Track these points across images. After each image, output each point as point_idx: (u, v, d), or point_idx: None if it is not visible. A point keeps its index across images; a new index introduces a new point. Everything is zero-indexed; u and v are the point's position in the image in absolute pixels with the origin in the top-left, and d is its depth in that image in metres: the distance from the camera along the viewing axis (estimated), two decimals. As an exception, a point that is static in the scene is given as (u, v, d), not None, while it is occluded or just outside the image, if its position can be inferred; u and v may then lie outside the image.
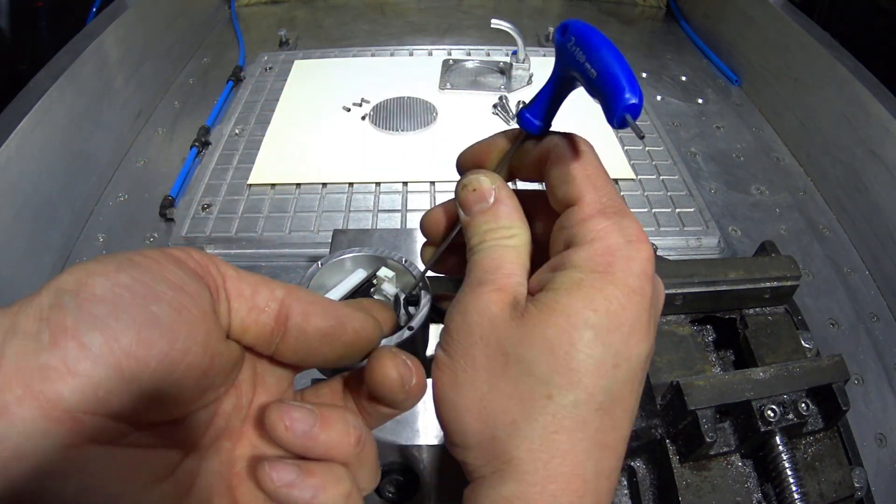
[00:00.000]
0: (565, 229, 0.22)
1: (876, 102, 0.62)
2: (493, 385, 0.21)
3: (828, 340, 0.54)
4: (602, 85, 0.20)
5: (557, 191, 0.23)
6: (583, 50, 0.21)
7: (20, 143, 0.54)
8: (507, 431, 0.20)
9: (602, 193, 0.22)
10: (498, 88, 0.83)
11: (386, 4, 1.12)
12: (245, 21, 1.07)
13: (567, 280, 0.21)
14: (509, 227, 0.24)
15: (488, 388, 0.21)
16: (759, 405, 0.34)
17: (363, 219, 0.63)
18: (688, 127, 0.81)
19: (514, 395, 0.20)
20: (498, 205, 0.24)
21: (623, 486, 0.39)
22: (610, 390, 0.20)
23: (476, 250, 0.24)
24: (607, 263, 0.21)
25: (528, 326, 0.21)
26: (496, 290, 0.22)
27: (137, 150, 0.76)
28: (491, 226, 0.24)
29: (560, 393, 0.20)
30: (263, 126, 0.76)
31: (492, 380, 0.21)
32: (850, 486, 0.37)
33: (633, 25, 1.10)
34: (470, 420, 0.21)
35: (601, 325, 0.20)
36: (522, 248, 0.24)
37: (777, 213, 0.68)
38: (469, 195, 0.24)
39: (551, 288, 0.21)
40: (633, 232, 0.21)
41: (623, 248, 0.21)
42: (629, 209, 0.22)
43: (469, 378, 0.21)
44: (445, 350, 0.22)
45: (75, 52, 0.66)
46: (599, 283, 0.20)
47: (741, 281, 0.40)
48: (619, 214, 0.22)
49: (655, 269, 0.22)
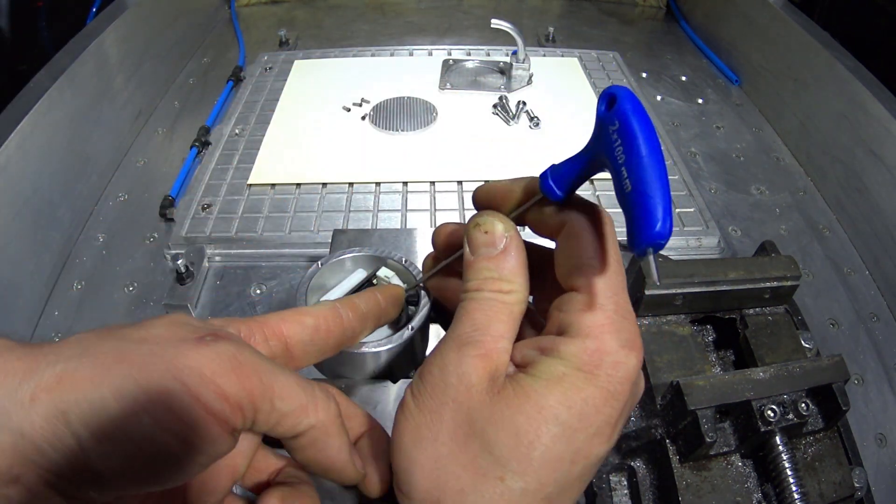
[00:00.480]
0: (563, 312, 0.22)
1: (876, 102, 0.62)
2: (452, 451, 0.21)
3: (828, 340, 0.54)
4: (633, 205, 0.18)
5: (563, 270, 0.23)
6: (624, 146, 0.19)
7: (20, 143, 0.54)
8: (454, 499, 0.20)
9: (608, 288, 0.21)
10: (498, 88, 0.83)
11: (386, 4, 1.12)
12: (245, 21, 1.07)
13: (550, 371, 0.21)
14: (510, 281, 0.23)
15: (446, 452, 0.21)
16: (759, 405, 0.34)
17: (363, 219, 0.63)
18: (688, 127, 0.81)
19: (468, 466, 0.20)
20: (505, 255, 0.23)
21: (623, 486, 0.39)
22: (560, 482, 0.20)
23: (471, 297, 0.23)
24: (594, 365, 0.21)
25: (501, 406, 0.21)
26: (480, 357, 0.22)
27: (137, 150, 0.76)
28: (492, 275, 0.23)
29: (513, 478, 0.20)
30: (263, 126, 0.76)
31: (452, 445, 0.21)
32: (850, 486, 0.37)
33: (633, 25, 1.10)
34: (420, 476, 0.21)
35: (570, 424, 0.20)
36: (516, 308, 0.23)
37: (777, 213, 0.68)
38: (479, 236, 0.24)
39: (533, 373, 0.21)
40: (630, 337, 0.21)
41: (615, 352, 0.21)
42: (632, 310, 0.22)
43: (431, 436, 0.21)
44: (415, 399, 0.22)
45: (75, 52, 0.66)
46: (581, 382, 0.20)
47: (741, 281, 0.40)
48: (619, 314, 0.21)
49: (657, 268, 0.22)
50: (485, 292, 0.23)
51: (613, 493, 0.39)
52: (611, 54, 0.92)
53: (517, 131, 0.75)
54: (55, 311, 0.54)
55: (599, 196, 0.65)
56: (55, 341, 0.19)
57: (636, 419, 0.40)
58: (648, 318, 0.41)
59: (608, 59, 0.91)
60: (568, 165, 0.22)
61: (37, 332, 0.52)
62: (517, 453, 0.20)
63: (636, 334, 0.22)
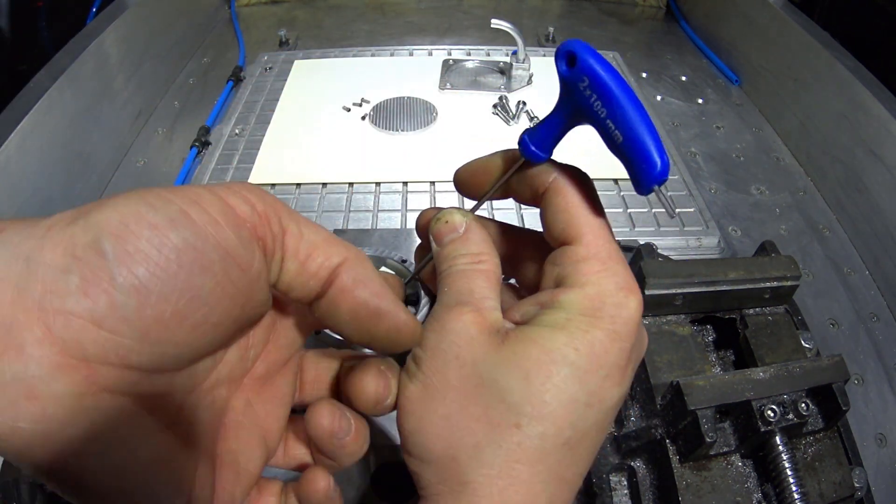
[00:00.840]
0: (558, 266, 0.22)
1: (876, 102, 0.62)
2: (463, 406, 0.21)
3: (828, 340, 0.54)
4: (629, 152, 0.19)
5: (554, 227, 0.23)
6: (602, 101, 0.19)
7: (20, 143, 0.54)
8: (469, 454, 0.20)
9: (599, 236, 0.22)
10: (498, 88, 0.83)
11: (386, 4, 1.12)
12: (245, 21, 1.07)
13: (553, 319, 0.21)
14: (478, 253, 0.24)
15: (457, 408, 0.21)
16: (759, 405, 0.34)
17: (363, 219, 0.63)
18: (688, 127, 0.81)
19: (482, 418, 0.20)
20: (468, 233, 0.24)
21: (623, 486, 0.39)
22: (578, 427, 0.20)
23: (446, 273, 0.24)
24: (596, 308, 0.21)
25: (507, 353, 0.21)
26: (474, 312, 0.22)
27: (137, 150, 0.76)
28: (461, 251, 0.24)
29: (529, 423, 0.20)
30: (263, 126, 0.76)
31: (462, 400, 0.21)
32: (850, 486, 0.37)
33: (633, 25, 1.10)
34: (433, 436, 0.21)
35: (580, 365, 0.20)
36: (492, 275, 0.23)
37: (777, 213, 0.68)
38: (441, 227, 0.25)
39: (536, 323, 0.21)
40: (626, 280, 0.22)
41: (614, 294, 0.21)
42: (623, 256, 0.22)
43: (439, 395, 0.21)
44: (417, 363, 0.22)
45: (75, 52, 0.66)
46: (585, 325, 0.21)
47: (741, 281, 0.40)
48: (613, 260, 0.22)
49: (656, 268, 0.22)
50: (457, 266, 0.24)
51: (613, 493, 0.39)
52: (611, 54, 0.92)
53: (517, 131, 0.75)
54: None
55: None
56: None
57: (636, 419, 0.40)
58: (648, 318, 0.41)
59: (608, 59, 0.91)
60: (545, 127, 0.23)
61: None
62: (530, 396, 0.20)
63: (631, 278, 0.22)
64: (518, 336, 0.21)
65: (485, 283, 0.23)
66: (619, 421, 0.41)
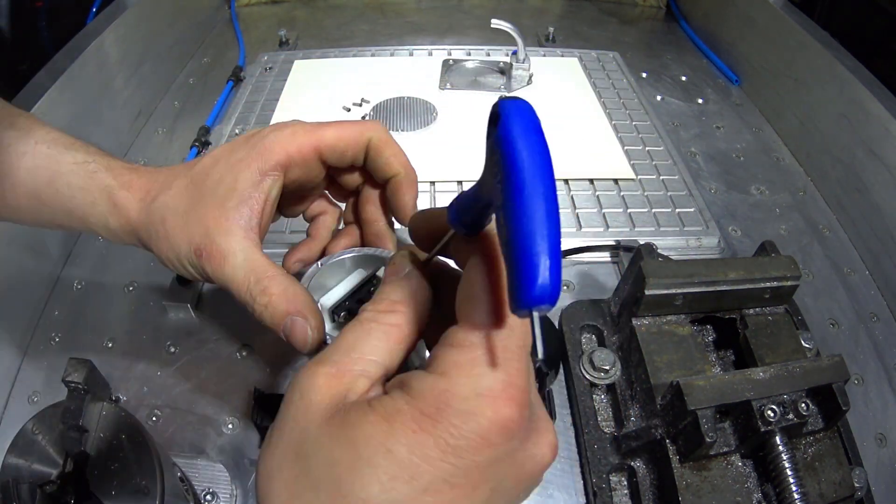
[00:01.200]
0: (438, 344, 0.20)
1: (876, 102, 0.62)
2: (280, 466, 0.20)
3: (828, 340, 0.54)
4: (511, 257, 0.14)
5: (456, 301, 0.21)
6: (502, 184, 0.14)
7: (20, 143, 0.54)
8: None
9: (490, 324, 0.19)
10: (498, 88, 0.83)
11: (386, 4, 1.12)
12: (245, 21, 1.07)
13: (390, 405, 0.19)
14: (393, 302, 0.23)
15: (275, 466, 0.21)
16: (759, 405, 0.34)
17: (363, 219, 0.63)
18: (688, 127, 0.81)
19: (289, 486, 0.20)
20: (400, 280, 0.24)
21: (623, 486, 0.39)
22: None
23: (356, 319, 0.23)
24: (438, 409, 0.18)
25: (330, 431, 0.19)
26: (329, 375, 0.21)
27: (137, 150, 0.76)
28: (380, 296, 0.23)
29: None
30: (263, 126, 0.75)
31: (281, 461, 0.21)
32: (850, 486, 0.37)
33: (633, 25, 1.10)
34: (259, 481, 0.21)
35: (387, 469, 0.18)
36: (394, 330, 0.22)
37: (777, 213, 0.68)
38: (390, 266, 0.25)
39: (373, 404, 0.19)
40: (498, 386, 0.18)
41: (467, 399, 0.18)
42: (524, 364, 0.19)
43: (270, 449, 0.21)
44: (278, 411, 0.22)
45: (75, 52, 0.66)
46: (415, 425, 0.18)
47: (741, 281, 0.40)
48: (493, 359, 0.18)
49: (656, 269, 0.21)
50: (366, 312, 0.23)
51: (613, 493, 0.39)
52: (611, 54, 0.92)
53: (517, 131, 0.75)
54: (55, 311, 0.54)
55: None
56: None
57: (636, 419, 0.40)
58: (648, 318, 0.41)
59: (608, 59, 0.91)
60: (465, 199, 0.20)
61: (36, 332, 0.52)
62: (328, 485, 0.18)
63: (507, 383, 0.18)
64: (353, 415, 0.19)
65: (380, 339, 0.22)
66: (620, 421, 0.41)
